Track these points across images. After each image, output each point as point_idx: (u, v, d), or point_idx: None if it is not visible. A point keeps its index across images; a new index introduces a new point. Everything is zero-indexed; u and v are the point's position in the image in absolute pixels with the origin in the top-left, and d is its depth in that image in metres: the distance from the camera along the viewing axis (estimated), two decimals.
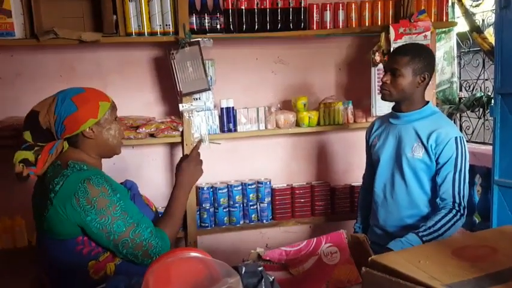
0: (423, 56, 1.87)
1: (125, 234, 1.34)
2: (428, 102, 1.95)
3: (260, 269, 0.86)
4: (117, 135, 1.49)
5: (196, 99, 2.49)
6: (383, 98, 1.95)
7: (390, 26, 2.53)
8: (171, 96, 2.60)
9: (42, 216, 1.36)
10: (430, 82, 2.60)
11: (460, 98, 4.20)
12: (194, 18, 2.42)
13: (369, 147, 2.12)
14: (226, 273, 0.74)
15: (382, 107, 2.62)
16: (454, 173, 1.81)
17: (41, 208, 1.37)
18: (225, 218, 2.68)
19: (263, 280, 0.85)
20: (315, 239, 1.38)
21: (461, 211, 1.79)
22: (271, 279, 0.90)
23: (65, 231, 1.34)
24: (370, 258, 0.94)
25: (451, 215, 1.77)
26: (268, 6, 2.49)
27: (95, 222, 1.32)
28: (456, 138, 1.82)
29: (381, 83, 1.93)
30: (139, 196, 1.53)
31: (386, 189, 1.98)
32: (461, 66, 4.27)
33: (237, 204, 2.68)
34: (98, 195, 1.32)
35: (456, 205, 1.79)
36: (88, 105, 1.40)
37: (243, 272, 0.84)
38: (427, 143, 1.84)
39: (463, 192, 1.80)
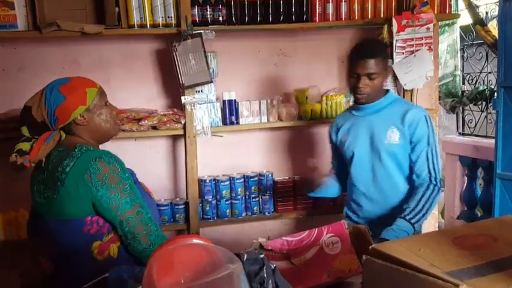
0: (384, 50, 1.98)
1: (131, 212, 1.39)
2: (388, 90, 2.04)
3: (262, 256, 0.87)
4: (108, 119, 1.54)
5: (199, 91, 2.49)
6: (358, 103, 1.99)
7: (393, 18, 2.52)
8: (174, 88, 2.61)
9: (50, 201, 1.41)
10: (432, 75, 2.62)
11: (463, 92, 4.19)
12: (196, 10, 2.42)
13: (338, 145, 2.12)
14: (228, 260, 0.75)
15: None
16: (428, 149, 1.91)
17: (49, 192, 1.41)
18: (227, 210, 2.69)
19: (265, 267, 0.86)
20: (317, 229, 1.39)
21: (438, 184, 1.89)
22: (272, 267, 0.91)
23: (75, 211, 1.39)
24: (370, 247, 0.95)
25: (429, 191, 1.87)
26: None
27: (105, 197, 1.37)
28: (425, 116, 1.93)
29: (355, 89, 1.94)
30: (139, 184, 1.58)
31: (367, 181, 2.01)
32: (464, 60, 4.26)
33: (239, 197, 2.69)
34: (108, 172, 1.38)
35: (433, 179, 1.89)
36: (75, 93, 1.45)
37: (244, 259, 0.84)
38: (402, 125, 1.92)
39: (437, 166, 1.91)
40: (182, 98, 2.46)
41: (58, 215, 1.41)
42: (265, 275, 0.85)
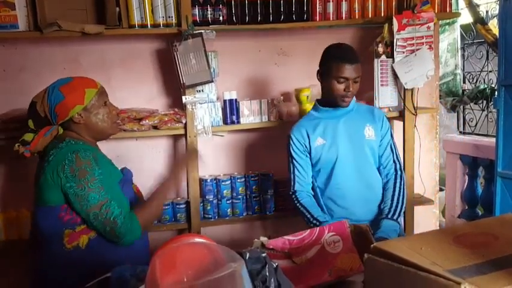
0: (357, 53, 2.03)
1: (96, 207, 1.47)
2: None
3: (264, 255, 0.88)
4: (105, 119, 1.62)
5: (199, 91, 2.50)
6: (343, 106, 2.02)
7: (393, 17, 2.52)
8: (174, 88, 2.61)
9: (36, 185, 1.53)
10: (433, 74, 2.62)
11: (463, 90, 4.19)
12: (197, 9, 2.42)
13: (311, 152, 2.06)
14: (230, 258, 0.75)
15: (385, 99, 2.62)
16: (391, 141, 2.09)
17: (36, 178, 1.54)
18: (228, 210, 2.69)
19: (267, 266, 0.87)
20: (318, 228, 1.39)
21: (403, 171, 2.09)
22: (274, 266, 0.91)
23: (52, 198, 1.49)
24: (372, 245, 0.96)
25: (398, 181, 2.04)
26: None
27: (72, 189, 1.46)
28: (384, 112, 2.17)
29: (342, 93, 1.96)
30: (130, 184, 1.65)
31: (355, 179, 2.02)
32: (465, 58, 4.26)
33: (240, 196, 2.69)
34: (80, 166, 1.47)
35: (398, 168, 2.07)
36: (74, 93, 1.55)
37: (247, 257, 0.85)
38: (374, 122, 2.06)
39: (399, 155, 2.11)
40: (183, 97, 2.46)
41: (40, 201, 1.52)
42: (267, 274, 0.86)
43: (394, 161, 2.08)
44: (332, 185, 2.05)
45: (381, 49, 2.57)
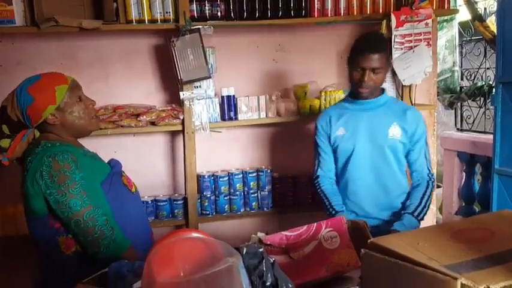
0: (387, 45, 1.98)
1: (79, 214, 1.36)
2: (383, 88, 2.05)
3: (261, 250, 0.88)
4: (82, 115, 1.50)
5: (197, 87, 2.49)
6: (362, 98, 1.96)
7: (392, 14, 2.52)
8: (172, 84, 2.60)
9: (21, 197, 1.44)
10: (431, 71, 2.63)
11: (461, 87, 4.19)
12: (194, 5, 2.41)
13: (331, 140, 2.04)
14: (227, 253, 0.75)
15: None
16: (425, 148, 2.00)
17: (21, 189, 1.44)
18: (226, 206, 2.69)
19: (264, 261, 0.87)
20: (315, 224, 1.39)
21: (434, 180, 2.03)
22: (271, 261, 0.91)
23: (37, 208, 1.40)
24: (369, 241, 0.95)
25: (430, 187, 1.97)
26: None
27: (52, 196, 1.36)
28: (422, 116, 2.03)
29: (358, 83, 1.92)
30: (119, 175, 1.54)
31: (368, 177, 1.98)
32: (463, 55, 4.26)
33: (237, 192, 2.69)
34: (59, 170, 1.35)
35: (430, 176, 2.00)
36: (44, 93, 1.43)
37: (244, 252, 0.85)
38: (404, 122, 1.95)
39: (430, 164, 2.04)
40: (181, 93, 2.46)
41: (28, 211, 1.44)
42: (264, 269, 0.86)
43: (428, 168, 1.99)
44: (345, 178, 2.02)
45: None
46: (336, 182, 2.07)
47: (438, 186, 3.45)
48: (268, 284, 0.87)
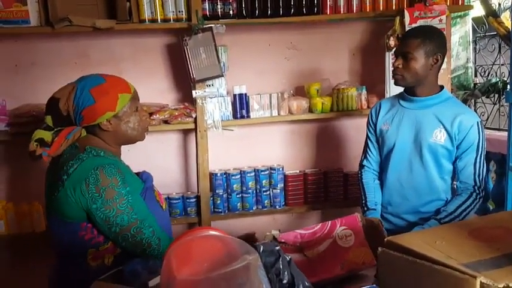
0: (434, 37, 1.84)
1: (127, 229, 1.33)
2: (443, 86, 1.94)
3: (277, 248, 0.88)
4: (136, 127, 1.46)
5: (210, 85, 2.50)
6: (396, 84, 1.91)
7: (405, 10, 2.49)
8: (185, 82, 2.61)
9: (52, 196, 1.37)
10: (445, 67, 2.59)
11: (475, 84, 4.14)
12: (207, 3, 2.42)
13: (377, 131, 2.03)
14: (245, 251, 0.75)
15: (396, 92, 2.59)
16: (476, 157, 1.85)
17: (53, 189, 1.37)
18: (238, 204, 2.70)
19: (281, 259, 0.87)
20: (330, 222, 1.39)
21: (481, 194, 1.85)
22: (288, 259, 0.91)
23: (71, 214, 1.35)
24: (386, 239, 0.95)
25: (471, 199, 1.82)
26: None
27: (99, 211, 1.31)
28: (478, 123, 1.84)
29: (392, 68, 1.90)
30: (152, 191, 1.49)
31: (403, 175, 1.93)
32: (477, 52, 4.20)
33: (250, 190, 2.70)
34: (107, 185, 1.31)
35: (477, 188, 1.84)
36: (106, 98, 1.38)
37: (261, 250, 0.85)
38: (451, 128, 1.83)
39: (482, 175, 1.86)
40: (193, 92, 2.47)
41: (57, 214, 1.38)
42: (281, 267, 0.86)
43: (474, 180, 1.84)
44: (383, 170, 2.00)
45: (392, 42, 2.55)
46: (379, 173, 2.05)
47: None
48: (285, 281, 0.87)
